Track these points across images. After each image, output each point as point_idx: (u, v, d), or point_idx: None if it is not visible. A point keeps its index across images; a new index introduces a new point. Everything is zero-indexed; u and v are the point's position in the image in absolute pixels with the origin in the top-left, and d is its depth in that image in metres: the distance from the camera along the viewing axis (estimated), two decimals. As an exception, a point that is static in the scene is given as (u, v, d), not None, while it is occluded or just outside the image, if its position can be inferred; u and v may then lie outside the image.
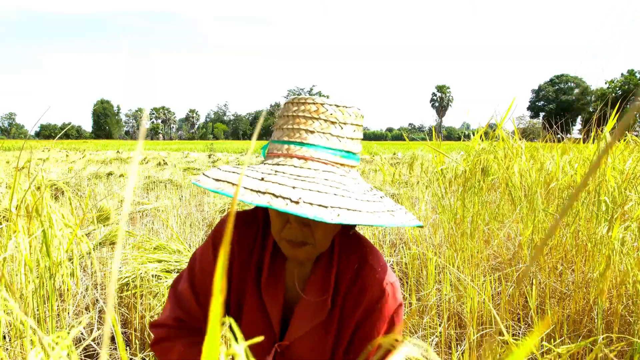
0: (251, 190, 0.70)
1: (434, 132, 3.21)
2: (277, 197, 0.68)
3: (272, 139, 0.87)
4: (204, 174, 0.79)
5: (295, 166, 0.79)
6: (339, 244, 0.94)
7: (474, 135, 3.50)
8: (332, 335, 0.92)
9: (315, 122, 0.82)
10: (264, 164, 0.83)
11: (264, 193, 0.69)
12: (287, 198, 0.68)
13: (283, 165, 0.79)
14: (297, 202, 0.67)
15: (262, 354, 0.93)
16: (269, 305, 0.92)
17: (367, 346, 0.91)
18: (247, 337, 0.92)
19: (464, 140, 3.10)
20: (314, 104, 0.83)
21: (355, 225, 0.96)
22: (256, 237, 0.96)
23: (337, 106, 0.83)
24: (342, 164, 0.82)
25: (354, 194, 0.75)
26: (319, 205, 0.68)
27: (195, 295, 0.94)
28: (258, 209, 0.99)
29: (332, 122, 0.82)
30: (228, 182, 0.74)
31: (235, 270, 0.95)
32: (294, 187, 0.70)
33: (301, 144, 0.81)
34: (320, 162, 0.80)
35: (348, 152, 0.83)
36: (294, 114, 0.84)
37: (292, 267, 0.94)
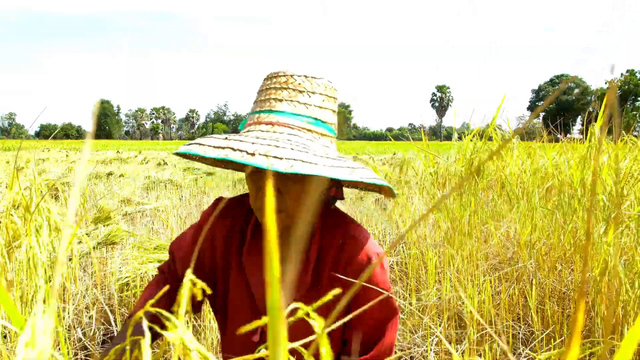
0: (214, 147, 0.74)
1: (422, 134, 3.20)
2: (234, 150, 0.72)
3: (249, 113, 0.91)
4: (182, 145, 0.82)
5: (262, 131, 0.82)
6: (322, 217, 0.95)
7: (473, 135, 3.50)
8: (321, 309, 0.91)
9: (284, 91, 0.85)
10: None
11: (223, 148, 0.73)
12: (243, 151, 0.71)
13: (252, 131, 0.83)
14: (252, 154, 0.70)
15: (249, 331, 0.95)
16: (252, 280, 0.94)
17: (361, 316, 0.92)
18: (234, 313, 0.97)
19: (456, 141, 3.10)
20: (284, 75, 0.87)
21: (335, 200, 0.99)
22: (240, 217, 1.00)
23: (306, 76, 0.87)
24: (309, 130, 0.84)
25: (315, 152, 0.76)
26: (274, 157, 0.70)
27: (173, 260, 1.05)
28: (247, 195, 1.01)
29: (300, 91, 0.85)
30: (197, 144, 0.77)
31: (218, 247, 0.99)
32: (252, 144, 0.73)
33: (269, 111, 0.85)
34: (286, 127, 0.83)
35: (316, 119, 0.85)
36: (267, 87, 0.88)
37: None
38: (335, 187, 0.98)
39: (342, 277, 0.91)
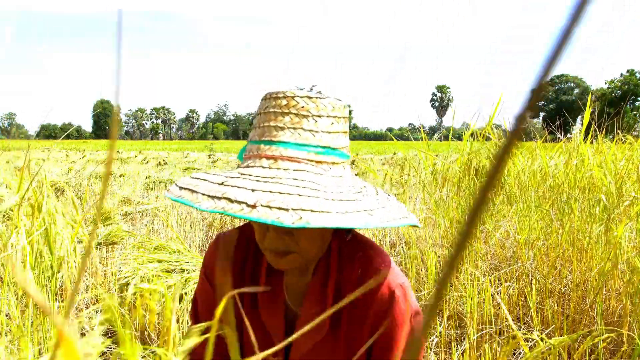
0: (209, 196, 0.63)
1: (422, 133, 3.21)
2: (232, 202, 0.61)
3: (249, 140, 0.80)
4: (175, 184, 0.72)
5: (263, 167, 0.71)
6: (338, 249, 0.85)
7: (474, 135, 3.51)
8: (341, 350, 0.83)
9: (286, 117, 0.74)
10: (237, 167, 0.77)
11: (219, 198, 0.62)
12: (242, 202, 0.61)
13: (252, 167, 0.72)
14: (254, 206, 0.60)
15: None
16: (269, 323, 0.86)
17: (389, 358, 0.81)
18: (249, 352, 0.88)
19: (453, 141, 3.10)
20: (284, 97, 0.75)
21: (351, 229, 0.88)
22: (247, 255, 0.89)
23: (310, 98, 0.75)
24: (318, 162, 0.73)
25: (326, 193, 0.66)
26: (279, 209, 0.60)
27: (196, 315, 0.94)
28: (248, 224, 0.92)
29: (305, 116, 0.74)
30: (189, 190, 0.67)
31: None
32: (253, 190, 0.63)
33: (270, 142, 0.73)
34: (291, 161, 0.72)
35: (325, 147, 0.74)
36: (266, 110, 0.76)
37: (292, 280, 0.86)
38: None
39: (361, 316, 0.82)
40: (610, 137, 3.40)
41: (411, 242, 3.05)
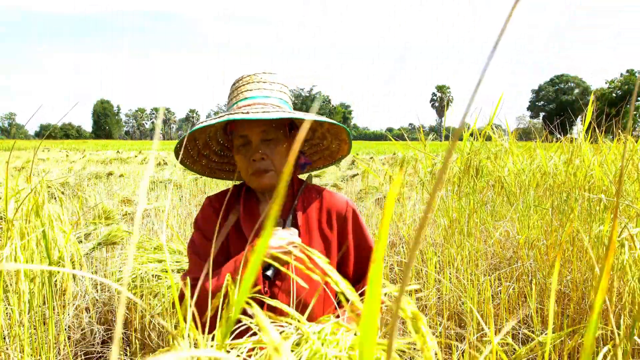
0: (212, 119, 1.02)
1: (421, 133, 3.21)
2: (233, 113, 1.01)
3: (226, 108, 1.16)
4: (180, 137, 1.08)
5: (243, 106, 1.09)
6: (297, 182, 1.19)
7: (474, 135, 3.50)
8: (321, 251, 1.13)
9: (252, 84, 1.14)
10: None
11: (224, 116, 1.01)
12: (239, 113, 1.00)
13: (235, 113, 1.03)
14: (247, 113, 0.99)
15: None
16: (250, 238, 1.10)
17: (358, 250, 1.16)
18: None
19: (451, 141, 3.09)
20: (247, 76, 1.15)
21: (305, 166, 1.22)
22: (230, 197, 1.19)
23: (265, 72, 1.16)
24: (278, 105, 1.10)
25: (284, 110, 1.07)
26: (263, 112, 0.99)
27: (202, 260, 1.13)
28: (228, 189, 1.21)
29: (263, 82, 1.14)
30: (195, 128, 1.05)
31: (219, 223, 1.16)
32: (245, 113, 1.00)
33: (245, 98, 1.12)
34: (261, 105, 1.08)
35: (280, 99, 1.14)
36: (236, 87, 1.16)
37: (264, 207, 1.16)
38: (302, 155, 1.22)
39: (327, 222, 1.15)
40: (610, 137, 3.40)
41: (411, 241, 3.05)
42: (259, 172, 1.08)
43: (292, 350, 0.47)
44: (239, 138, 1.10)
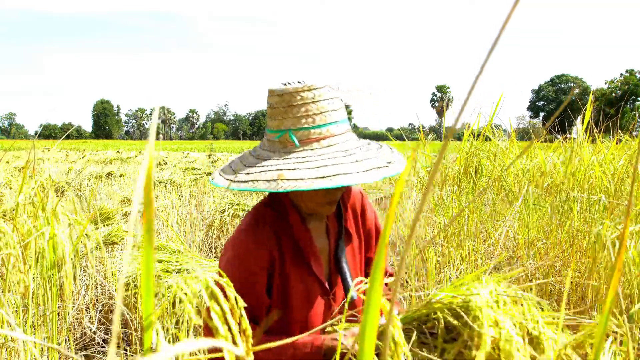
0: (321, 177, 0.88)
1: (421, 133, 3.21)
2: (351, 174, 0.89)
3: (277, 128, 0.97)
4: (234, 173, 0.97)
5: (322, 146, 0.95)
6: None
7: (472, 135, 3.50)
8: (359, 249, 1.18)
9: (317, 104, 0.96)
10: (302, 150, 0.96)
11: (329, 177, 0.88)
12: (345, 164, 0.91)
13: (332, 145, 0.96)
14: (355, 172, 0.89)
15: (322, 304, 1.09)
16: (315, 265, 1.08)
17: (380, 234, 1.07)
18: (303, 301, 1.07)
19: (451, 141, 3.09)
20: (303, 91, 0.96)
21: None
22: (278, 222, 1.07)
23: (316, 88, 0.97)
24: (349, 130, 1.01)
25: (374, 156, 0.95)
26: (385, 166, 0.92)
27: (251, 309, 0.98)
28: (263, 204, 1.11)
29: (325, 100, 0.97)
30: (298, 179, 0.89)
31: (276, 262, 1.05)
32: (356, 161, 0.92)
33: (319, 126, 0.95)
34: (341, 136, 0.97)
35: (344, 119, 1.02)
36: (295, 103, 0.96)
37: (313, 227, 1.11)
38: None
39: (360, 217, 1.19)
40: (610, 137, 3.40)
41: (411, 241, 3.05)
42: (334, 202, 1.03)
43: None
44: None
